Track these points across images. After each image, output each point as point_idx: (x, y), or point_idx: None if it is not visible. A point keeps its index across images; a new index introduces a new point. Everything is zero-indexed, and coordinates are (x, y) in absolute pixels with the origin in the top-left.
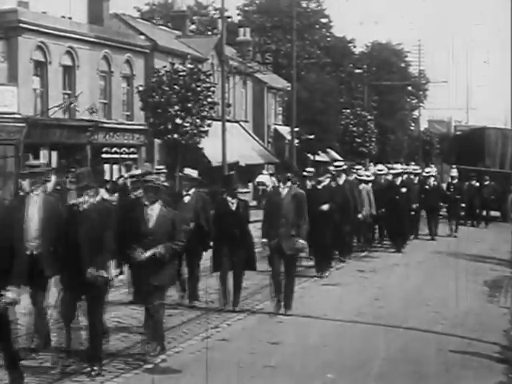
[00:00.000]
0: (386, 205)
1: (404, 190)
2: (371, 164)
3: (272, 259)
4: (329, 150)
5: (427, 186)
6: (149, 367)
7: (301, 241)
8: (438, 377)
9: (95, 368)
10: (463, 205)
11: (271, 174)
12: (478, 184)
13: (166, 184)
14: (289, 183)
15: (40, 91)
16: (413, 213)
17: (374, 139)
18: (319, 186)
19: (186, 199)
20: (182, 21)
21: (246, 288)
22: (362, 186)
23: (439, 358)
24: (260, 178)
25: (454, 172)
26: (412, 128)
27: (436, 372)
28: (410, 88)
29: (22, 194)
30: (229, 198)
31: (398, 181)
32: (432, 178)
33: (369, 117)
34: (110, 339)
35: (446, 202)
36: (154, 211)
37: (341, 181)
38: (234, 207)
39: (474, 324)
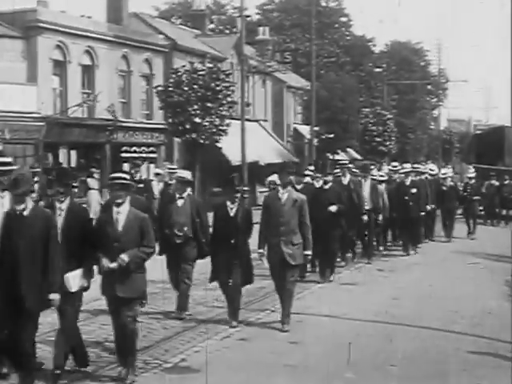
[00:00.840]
0: (395, 206)
1: (414, 190)
2: (384, 163)
3: (273, 272)
4: (348, 149)
5: (444, 187)
6: (168, 367)
7: (306, 252)
8: (457, 376)
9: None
10: (481, 207)
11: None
12: (497, 183)
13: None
14: (289, 187)
15: (59, 90)
16: (422, 213)
17: (393, 138)
18: (326, 187)
19: (180, 202)
20: (201, 20)
21: (263, 287)
22: (371, 183)
23: (458, 357)
24: (272, 177)
25: (472, 172)
26: (432, 127)
27: (455, 371)
28: (429, 87)
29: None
30: (228, 203)
31: (408, 181)
32: (449, 179)
33: (388, 116)
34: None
35: (464, 203)
36: (123, 213)
37: (345, 180)
38: (232, 213)
39: (493, 324)
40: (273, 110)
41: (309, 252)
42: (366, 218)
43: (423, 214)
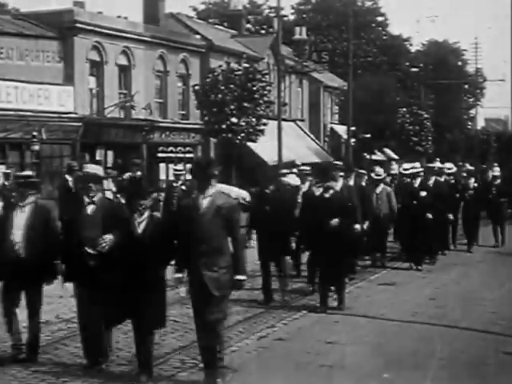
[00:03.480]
0: (401, 212)
1: (424, 193)
2: (393, 162)
3: (194, 306)
4: (385, 149)
5: (467, 193)
6: None
7: (238, 277)
8: (496, 378)
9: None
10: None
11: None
12: None
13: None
14: (212, 189)
15: (96, 91)
16: (430, 216)
17: (430, 138)
18: (327, 195)
19: (90, 209)
20: (237, 20)
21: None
22: (382, 187)
23: (497, 359)
24: (288, 179)
25: (497, 171)
26: (469, 127)
27: (494, 373)
28: (466, 86)
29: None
30: (135, 216)
31: (417, 183)
32: (472, 179)
33: (425, 115)
34: (165, 338)
35: (489, 206)
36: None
37: (338, 186)
38: (139, 229)
39: None
40: (309, 110)
41: (241, 277)
42: (357, 226)
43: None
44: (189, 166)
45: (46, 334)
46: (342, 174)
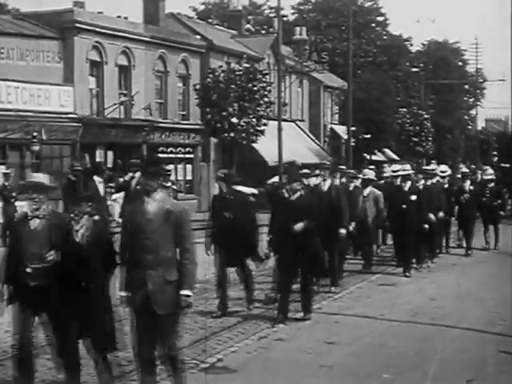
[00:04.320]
0: (390, 216)
1: (414, 197)
2: (385, 165)
3: (137, 326)
4: (385, 149)
5: (464, 196)
6: (205, 367)
7: (183, 291)
8: (497, 379)
9: None
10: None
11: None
12: None
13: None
14: (160, 193)
15: (96, 91)
16: (426, 226)
17: (430, 138)
18: (293, 197)
19: (34, 223)
20: (237, 20)
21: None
22: (369, 190)
23: (497, 359)
24: (275, 179)
25: (490, 173)
26: (469, 127)
27: (494, 374)
28: (466, 87)
29: None
30: (72, 223)
31: (407, 186)
32: (468, 182)
33: (425, 116)
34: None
35: (482, 209)
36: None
37: (325, 186)
38: (78, 237)
39: None
40: (309, 110)
41: (187, 292)
42: (343, 231)
43: (426, 226)
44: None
45: (46, 334)
46: (315, 173)
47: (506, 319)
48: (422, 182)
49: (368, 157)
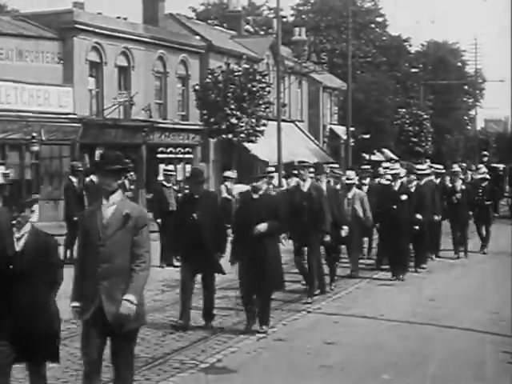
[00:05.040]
0: (380, 217)
1: (404, 197)
2: (380, 168)
3: (86, 340)
4: (384, 149)
5: (456, 196)
6: (204, 367)
7: (128, 296)
8: (496, 379)
9: None
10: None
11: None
12: None
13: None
14: (118, 195)
15: (95, 92)
16: (416, 227)
17: (430, 139)
18: (255, 196)
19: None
20: (236, 21)
21: (301, 288)
22: (354, 191)
23: (497, 359)
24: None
25: (482, 172)
26: (468, 127)
27: (494, 374)
28: (466, 87)
29: None
30: (13, 230)
31: (397, 186)
32: (459, 181)
33: (425, 116)
34: (165, 339)
35: (474, 209)
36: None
37: (305, 187)
38: (18, 247)
39: None
40: (309, 111)
41: (129, 297)
42: (327, 238)
43: (417, 227)
44: (185, 166)
45: None
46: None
47: (505, 319)
48: (415, 182)
49: (367, 157)
